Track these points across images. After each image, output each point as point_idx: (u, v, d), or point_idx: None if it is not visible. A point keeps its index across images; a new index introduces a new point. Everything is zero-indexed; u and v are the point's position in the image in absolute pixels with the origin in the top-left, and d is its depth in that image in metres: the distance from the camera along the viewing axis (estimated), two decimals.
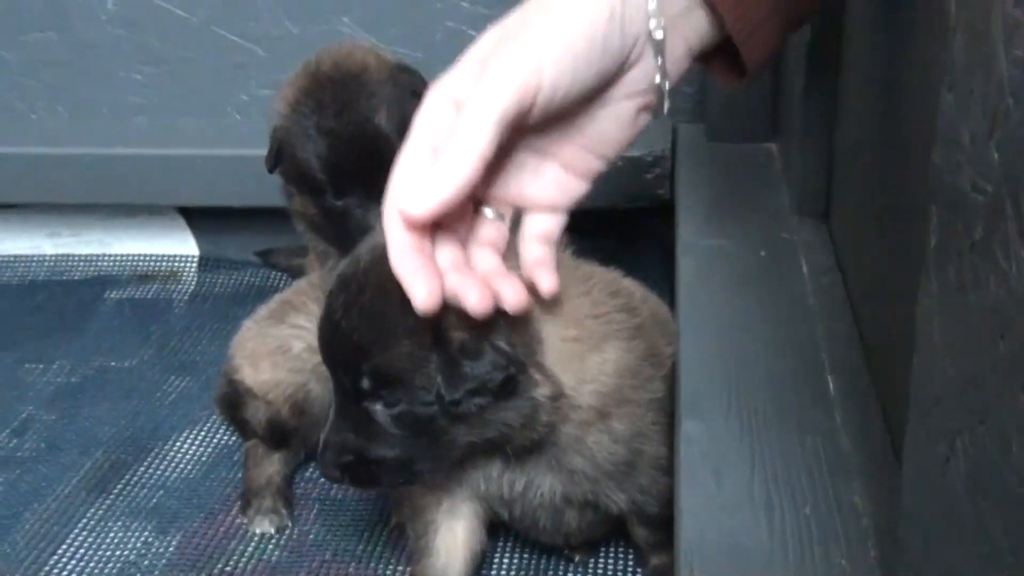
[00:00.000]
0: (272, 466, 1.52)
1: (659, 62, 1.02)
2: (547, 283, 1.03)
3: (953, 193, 0.64)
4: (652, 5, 0.99)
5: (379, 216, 1.35)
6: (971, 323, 0.62)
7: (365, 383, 1.05)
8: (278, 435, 1.52)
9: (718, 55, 1.09)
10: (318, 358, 1.50)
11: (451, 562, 1.27)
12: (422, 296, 0.94)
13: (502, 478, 1.18)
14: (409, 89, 1.43)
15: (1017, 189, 0.55)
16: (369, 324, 1.03)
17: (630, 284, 1.26)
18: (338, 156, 1.40)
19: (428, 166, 0.97)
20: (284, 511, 1.49)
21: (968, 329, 0.62)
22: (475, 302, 0.96)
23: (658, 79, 1.03)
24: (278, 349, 1.51)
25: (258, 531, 1.47)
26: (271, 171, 1.48)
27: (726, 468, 1.05)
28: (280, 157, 1.46)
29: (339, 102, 1.40)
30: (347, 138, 1.39)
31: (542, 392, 1.06)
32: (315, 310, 1.51)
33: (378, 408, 1.06)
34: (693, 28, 1.03)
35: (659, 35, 1.00)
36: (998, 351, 0.58)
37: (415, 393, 1.03)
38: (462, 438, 1.08)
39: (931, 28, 0.97)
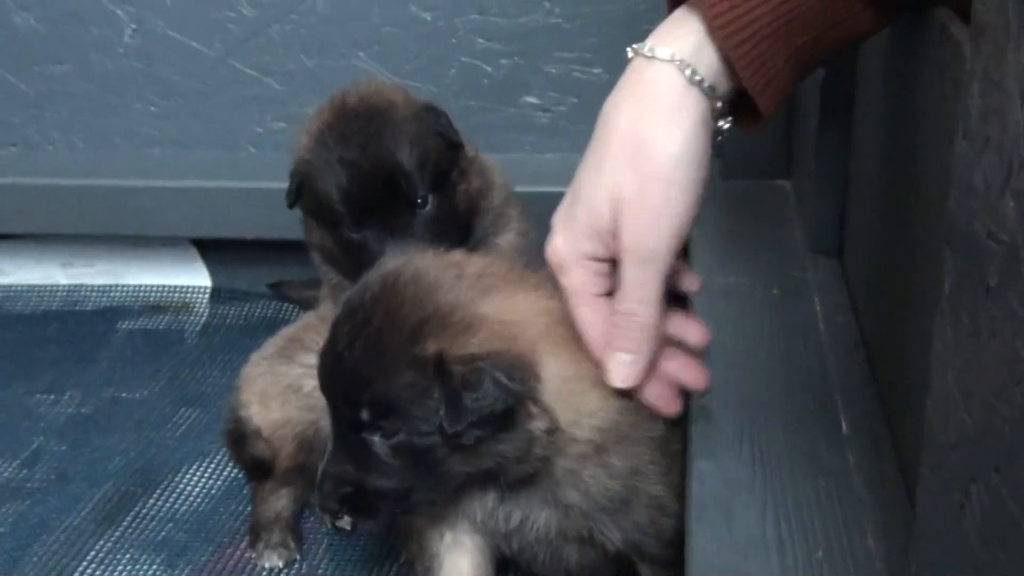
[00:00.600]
0: (280, 501, 1.51)
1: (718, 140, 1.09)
2: (697, 336, 1.16)
3: (968, 240, 0.63)
4: (717, 108, 1.05)
5: (395, 249, 1.37)
6: (986, 370, 0.62)
7: (364, 414, 1.06)
8: (260, 472, 1.53)
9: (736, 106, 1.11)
10: None
11: None
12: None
13: (498, 511, 1.18)
14: (434, 129, 1.44)
15: None
16: (372, 354, 1.04)
17: None
18: (358, 188, 1.40)
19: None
20: (293, 545, 1.49)
21: (983, 376, 0.62)
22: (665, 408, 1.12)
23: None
24: (289, 388, 1.51)
25: (267, 565, 1.47)
26: (291, 206, 1.49)
27: (738, 508, 1.04)
28: (300, 191, 1.46)
29: (363, 135, 1.41)
30: (368, 171, 1.40)
31: (538, 426, 1.07)
32: None
33: (376, 439, 1.07)
34: (721, 96, 1.07)
35: (727, 126, 1.08)
36: (1014, 399, 0.58)
37: (414, 423, 1.04)
38: (458, 468, 1.08)
39: (944, 73, 0.97)
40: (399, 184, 1.39)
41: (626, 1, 1.87)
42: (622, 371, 1.08)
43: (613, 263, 1.07)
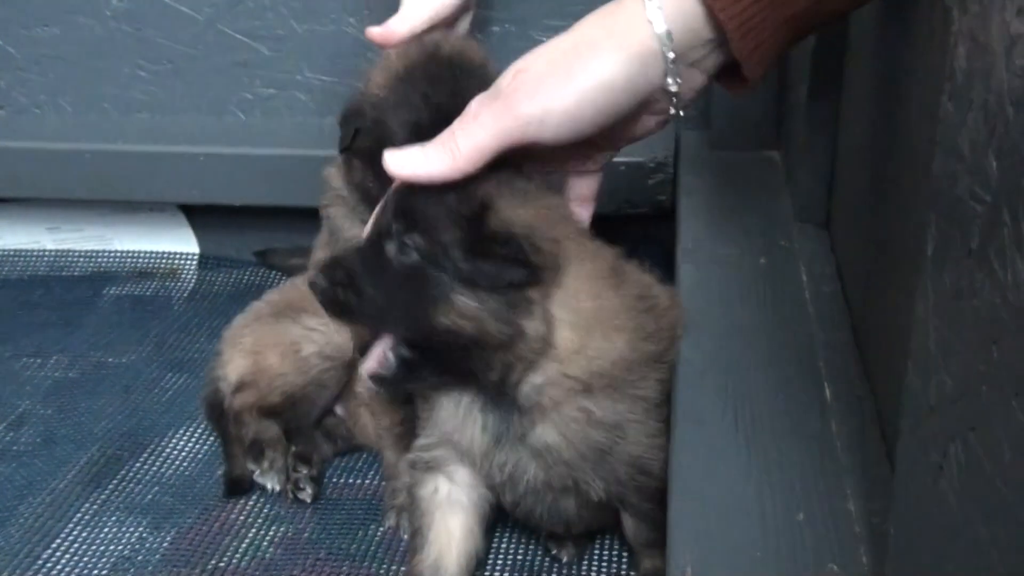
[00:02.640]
0: (274, 428, 1.53)
1: (674, 101, 1.11)
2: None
3: (951, 202, 0.64)
4: (669, 64, 1.07)
5: None
6: (966, 330, 0.62)
7: (395, 225, 1.10)
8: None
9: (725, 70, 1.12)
10: (325, 365, 1.53)
11: (444, 557, 1.27)
12: None
13: (492, 460, 1.19)
14: None
15: (1015, 198, 0.56)
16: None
17: (661, 291, 1.25)
18: (432, 131, 1.39)
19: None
20: (291, 476, 1.51)
21: (963, 336, 0.63)
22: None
23: (672, 111, 1.13)
24: (289, 345, 1.53)
25: (268, 486, 1.50)
26: (344, 151, 1.47)
27: (720, 473, 1.05)
28: (359, 132, 1.44)
29: (455, 83, 1.38)
30: (449, 118, 1.38)
31: (532, 326, 1.09)
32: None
33: (392, 247, 1.10)
34: (712, 63, 1.09)
35: (673, 88, 1.09)
36: (992, 358, 0.58)
37: (434, 247, 1.07)
38: (442, 318, 1.08)
39: (933, 38, 0.97)
40: None
41: None
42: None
43: None
